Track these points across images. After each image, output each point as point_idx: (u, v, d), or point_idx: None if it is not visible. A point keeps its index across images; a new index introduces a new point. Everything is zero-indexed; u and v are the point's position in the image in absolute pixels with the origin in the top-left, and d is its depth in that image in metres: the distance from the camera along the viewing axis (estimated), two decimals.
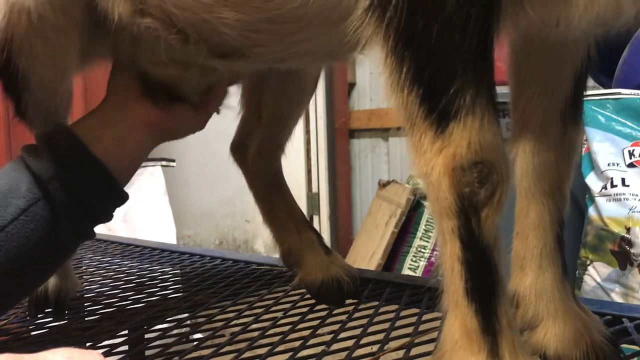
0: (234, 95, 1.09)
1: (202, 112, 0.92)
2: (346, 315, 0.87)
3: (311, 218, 3.57)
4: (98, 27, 0.81)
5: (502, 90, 0.56)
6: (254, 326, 0.85)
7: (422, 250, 2.85)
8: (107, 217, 0.83)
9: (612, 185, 1.62)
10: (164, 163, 2.77)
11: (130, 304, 1.00)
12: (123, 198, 0.83)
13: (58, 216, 0.76)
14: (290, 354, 0.73)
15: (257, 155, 1.05)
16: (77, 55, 0.84)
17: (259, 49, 0.77)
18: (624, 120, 1.67)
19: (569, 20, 0.54)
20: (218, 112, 1.01)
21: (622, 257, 1.56)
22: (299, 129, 1.09)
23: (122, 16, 0.77)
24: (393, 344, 0.75)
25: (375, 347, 0.73)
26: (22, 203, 0.74)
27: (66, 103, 0.88)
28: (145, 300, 1.03)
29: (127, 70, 0.87)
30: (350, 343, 0.75)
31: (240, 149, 1.07)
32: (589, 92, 0.71)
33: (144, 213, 2.63)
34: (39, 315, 0.96)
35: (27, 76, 0.82)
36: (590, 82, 0.66)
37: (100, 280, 1.17)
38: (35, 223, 0.75)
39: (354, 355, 0.71)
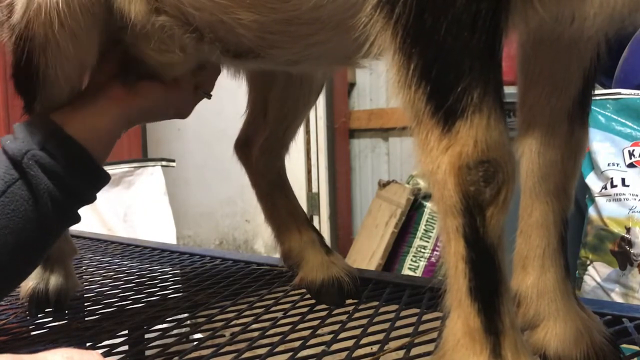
0: (236, 97, 1.09)
1: (187, 92, 0.90)
2: (346, 315, 0.87)
3: (311, 218, 3.58)
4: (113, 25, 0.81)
5: (506, 90, 0.56)
6: (254, 326, 0.85)
7: (422, 250, 2.85)
8: (89, 197, 0.83)
9: (612, 185, 1.61)
10: (164, 163, 2.77)
11: (130, 304, 1.00)
12: (102, 176, 0.83)
13: (36, 194, 0.76)
14: (290, 354, 0.73)
15: (261, 154, 1.06)
16: (96, 53, 0.84)
17: (274, 50, 0.77)
18: (624, 120, 1.67)
19: (583, 18, 0.54)
20: (209, 97, 0.98)
21: (622, 257, 1.56)
22: (299, 129, 1.09)
23: (138, 14, 0.77)
24: (393, 344, 0.75)
25: (375, 347, 0.73)
26: (0, 185, 0.75)
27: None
28: (145, 300, 1.03)
29: (111, 56, 0.87)
30: (350, 343, 0.75)
31: (244, 147, 1.08)
32: None
33: (144, 213, 2.62)
34: (39, 315, 0.96)
35: (47, 73, 0.82)
36: None
37: (100, 280, 1.17)
38: (15, 204, 0.75)
39: (354, 355, 0.71)
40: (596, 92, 1.72)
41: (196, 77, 0.93)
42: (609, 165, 1.64)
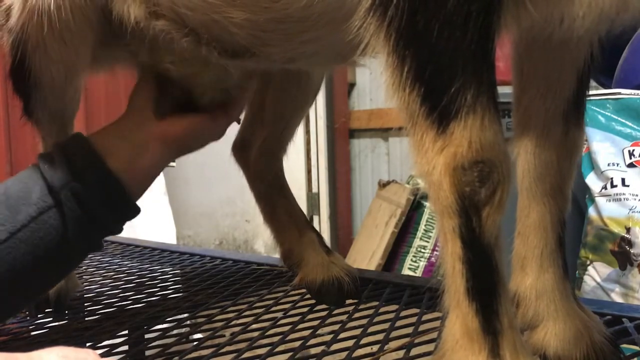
0: None
1: (221, 119, 0.91)
2: (346, 315, 0.87)
3: (311, 218, 3.57)
4: (115, 33, 0.82)
5: (502, 90, 0.56)
6: (254, 326, 0.85)
7: (422, 250, 2.85)
8: (117, 230, 0.83)
9: (612, 185, 1.61)
10: None
11: (130, 304, 1.00)
12: (135, 212, 0.84)
13: (67, 226, 0.76)
14: (290, 354, 0.73)
15: (259, 155, 1.06)
16: (89, 58, 0.85)
17: (269, 48, 0.78)
18: (624, 120, 1.67)
19: (572, 18, 0.54)
20: (239, 122, 1.01)
21: (622, 257, 1.56)
22: (299, 129, 1.09)
23: (137, 19, 0.78)
24: (393, 344, 0.75)
25: (375, 347, 0.73)
26: (32, 210, 0.74)
27: (74, 104, 0.90)
28: (145, 300, 1.03)
29: (147, 86, 0.88)
30: (350, 343, 0.75)
31: (242, 149, 1.08)
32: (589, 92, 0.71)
33: (144, 213, 2.61)
34: (39, 315, 0.96)
35: (38, 75, 0.83)
36: (590, 82, 0.67)
37: (100, 280, 1.17)
38: (44, 231, 0.75)
39: (354, 355, 0.71)
40: (596, 92, 1.73)
41: (224, 100, 0.93)
42: (609, 165, 1.64)
